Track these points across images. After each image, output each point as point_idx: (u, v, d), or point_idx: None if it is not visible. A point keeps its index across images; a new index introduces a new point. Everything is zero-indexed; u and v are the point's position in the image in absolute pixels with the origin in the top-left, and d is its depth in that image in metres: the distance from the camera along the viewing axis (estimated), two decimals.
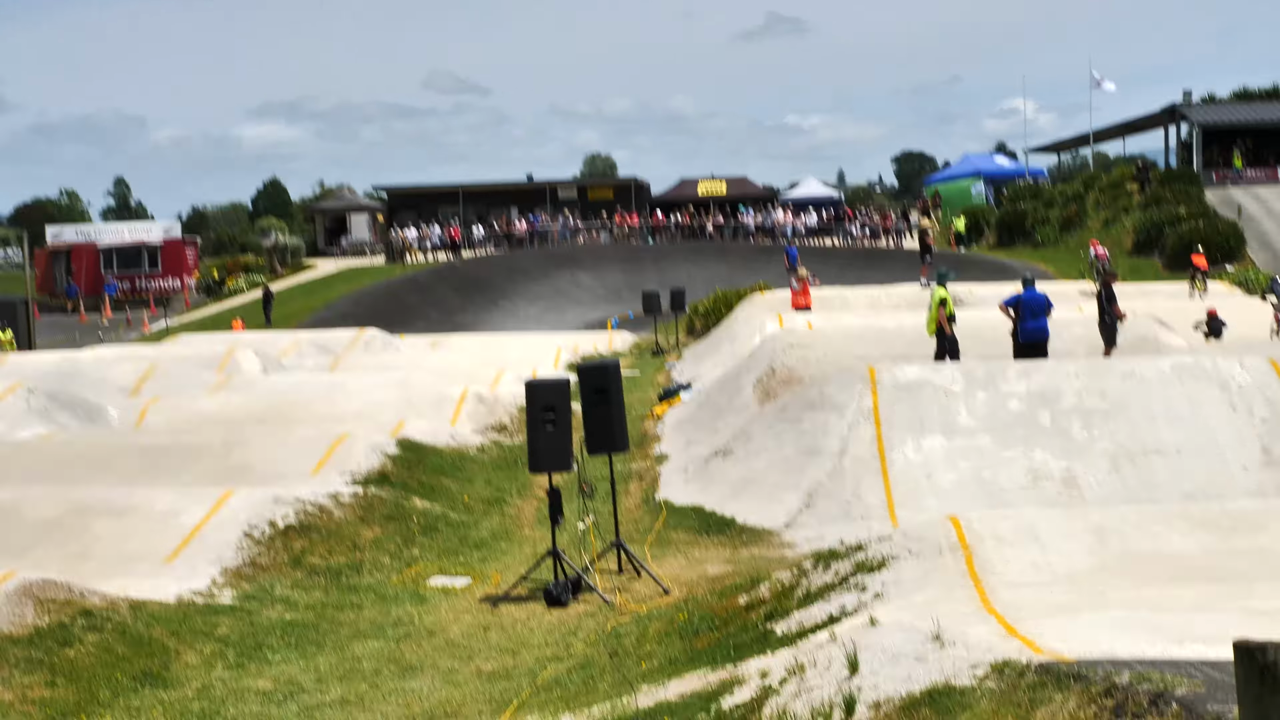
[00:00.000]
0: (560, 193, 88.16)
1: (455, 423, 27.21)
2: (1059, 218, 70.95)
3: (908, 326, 30.08)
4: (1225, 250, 58.68)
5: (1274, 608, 11.22)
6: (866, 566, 13.66)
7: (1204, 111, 74.40)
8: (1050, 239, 68.98)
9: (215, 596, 16.47)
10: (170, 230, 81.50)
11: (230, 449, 23.08)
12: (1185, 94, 75.67)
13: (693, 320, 48.31)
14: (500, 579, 17.93)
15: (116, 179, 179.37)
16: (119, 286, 76.23)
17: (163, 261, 78.55)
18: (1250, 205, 66.83)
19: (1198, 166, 72.02)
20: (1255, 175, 71.70)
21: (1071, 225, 69.98)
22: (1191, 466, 20.38)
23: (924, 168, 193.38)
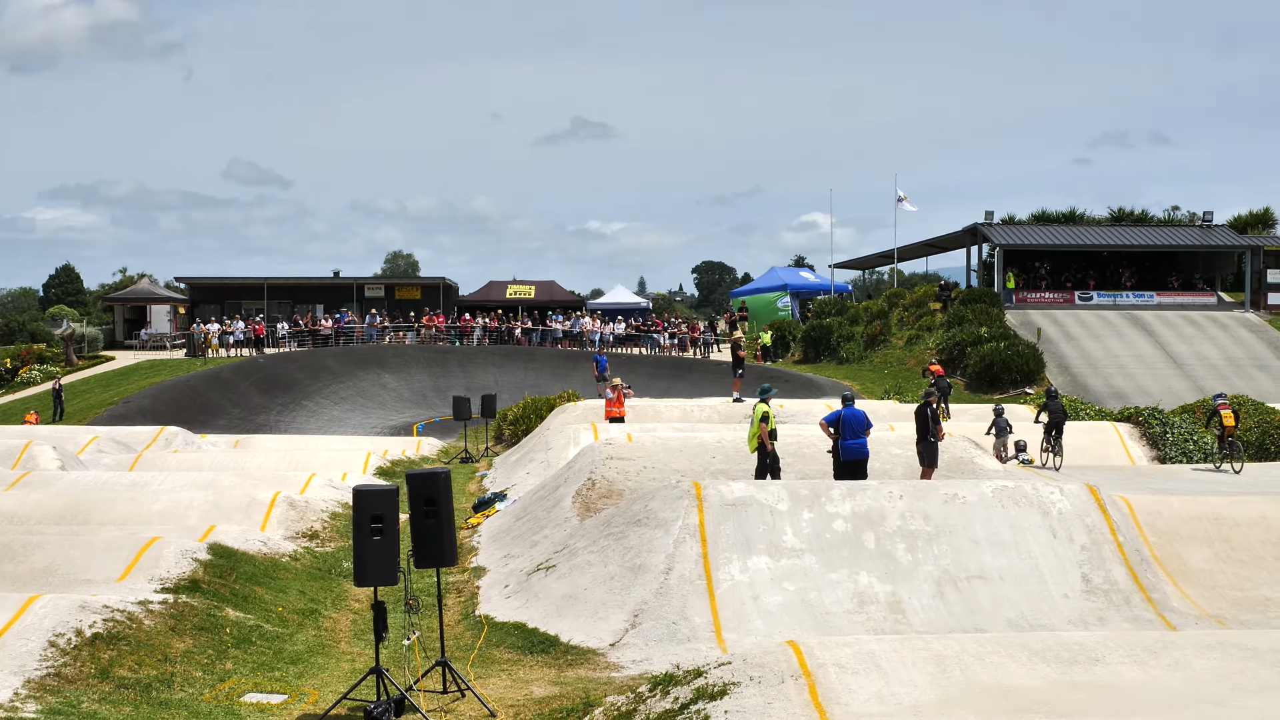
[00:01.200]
0: (367, 290, 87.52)
1: (265, 528, 26.49)
2: (864, 334, 72.06)
3: (726, 441, 30.03)
4: (1024, 373, 60.02)
5: None
6: (707, 694, 13.35)
7: (1004, 233, 76.26)
8: (855, 355, 69.98)
9: (19, 710, 15.58)
10: None
11: (30, 550, 22.08)
12: (987, 214, 77.55)
13: (501, 427, 47.98)
14: (318, 697, 17.29)
15: None
16: None
17: None
18: (1049, 328, 68.52)
19: (998, 287, 73.71)
20: (1054, 298, 73.58)
21: (876, 342, 71.11)
22: (1014, 593, 20.50)
23: (724, 278, 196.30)
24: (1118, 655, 13.97)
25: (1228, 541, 22.47)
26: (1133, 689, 13.28)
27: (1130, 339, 68.47)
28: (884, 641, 14.36)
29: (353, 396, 68.82)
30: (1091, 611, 20.21)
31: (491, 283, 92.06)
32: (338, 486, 31.70)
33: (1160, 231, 79.43)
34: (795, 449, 28.88)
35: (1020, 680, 13.38)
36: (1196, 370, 64.40)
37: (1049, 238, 76.92)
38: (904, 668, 13.48)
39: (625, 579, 20.82)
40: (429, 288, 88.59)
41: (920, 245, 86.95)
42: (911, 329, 70.61)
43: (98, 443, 40.85)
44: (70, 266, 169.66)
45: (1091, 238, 77.57)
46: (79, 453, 38.58)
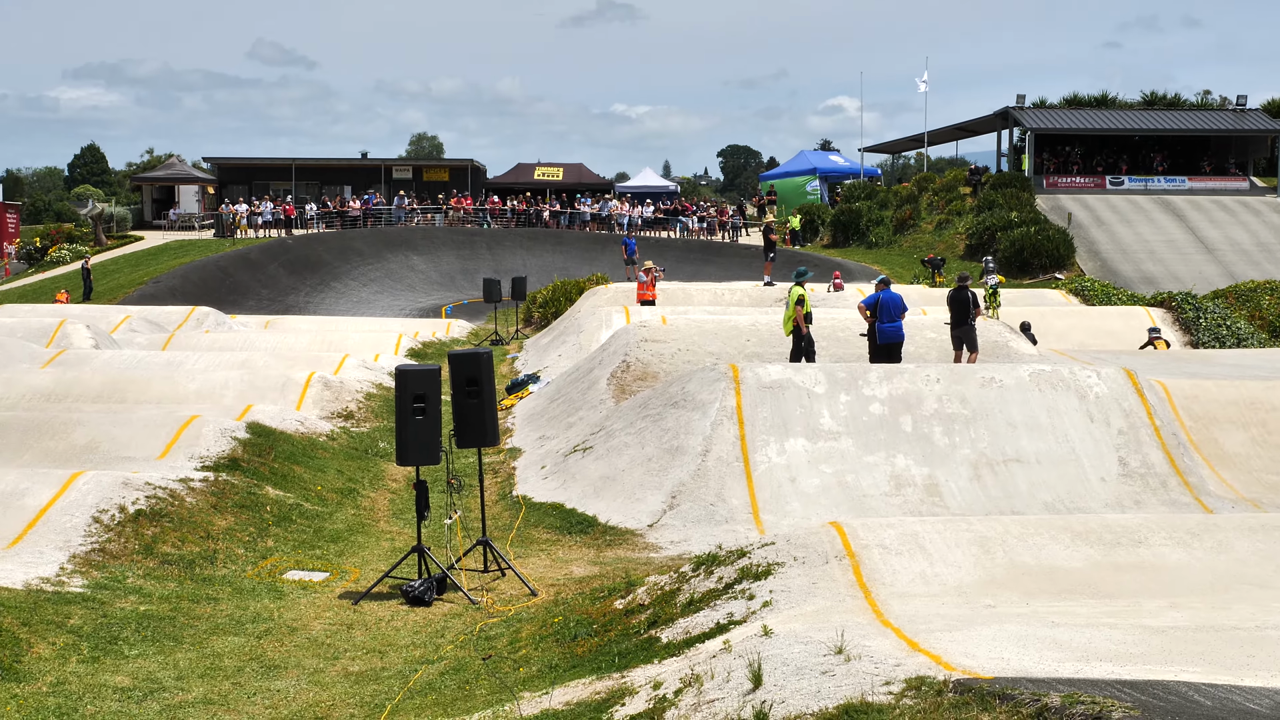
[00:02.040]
0: (395, 172, 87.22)
1: (301, 408, 26.58)
2: (893, 219, 71.68)
3: (760, 324, 29.96)
4: (1055, 258, 59.73)
5: (1166, 625, 11.17)
6: (751, 573, 13.40)
7: (1036, 117, 75.56)
8: (884, 240, 69.68)
9: (65, 585, 15.74)
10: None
11: (70, 428, 22.22)
12: (1019, 98, 76.78)
13: (531, 310, 47.91)
14: (360, 574, 17.43)
15: None
16: None
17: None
18: (1080, 213, 68.08)
19: (1029, 171, 73.17)
20: (1085, 183, 73.06)
21: (905, 226, 70.77)
22: (1050, 477, 20.50)
23: (749, 163, 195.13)
24: (1160, 537, 13.97)
25: (1264, 426, 22.39)
26: (1176, 570, 13.30)
27: (1161, 224, 68.03)
28: (927, 523, 14.40)
29: (381, 278, 68.81)
30: (1128, 495, 20.21)
31: (520, 165, 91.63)
32: (371, 367, 31.75)
33: (1192, 115, 78.64)
34: (829, 332, 28.81)
35: (1064, 562, 13.41)
36: (1228, 255, 64.01)
37: (1080, 122, 76.20)
38: (947, 549, 13.51)
39: (662, 460, 20.87)
40: (457, 170, 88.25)
41: (950, 129, 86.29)
42: (941, 214, 70.23)
43: (130, 322, 40.94)
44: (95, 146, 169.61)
45: (1123, 122, 76.86)
46: (112, 331, 38.67)
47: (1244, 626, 10.95)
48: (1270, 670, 9.54)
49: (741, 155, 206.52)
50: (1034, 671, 9.50)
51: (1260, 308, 40.94)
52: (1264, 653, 10.01)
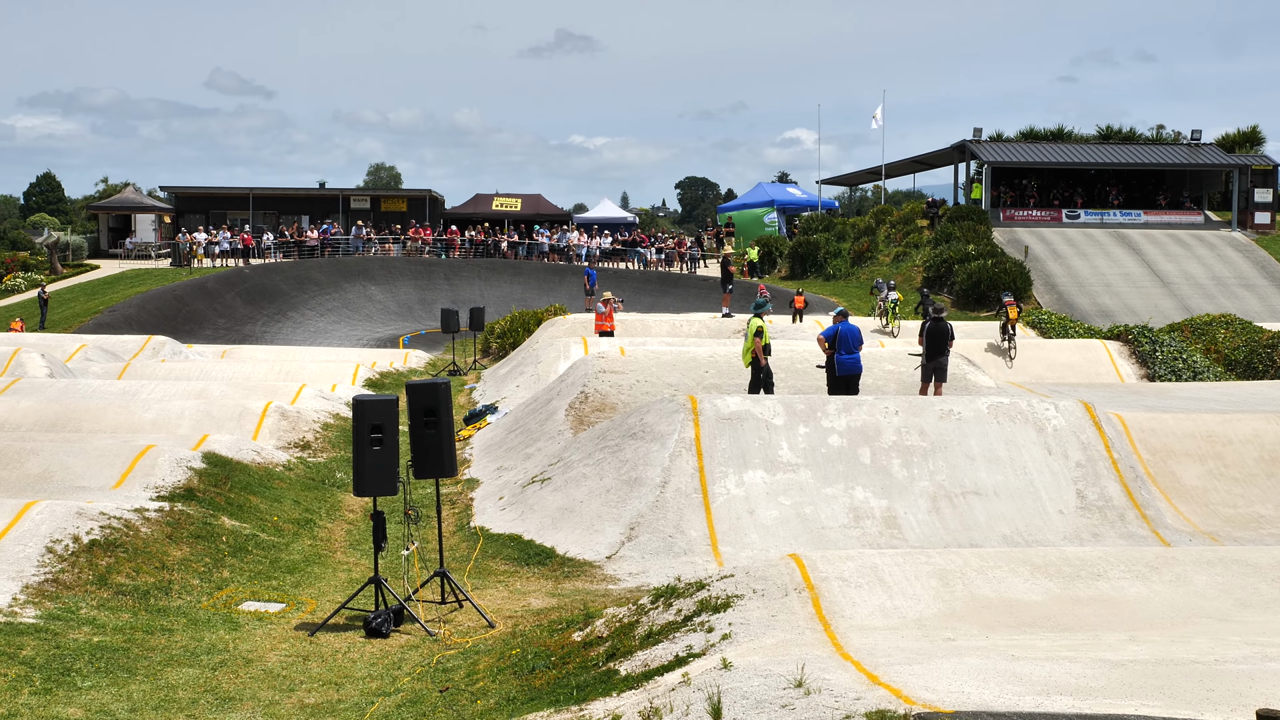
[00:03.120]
0: (353, 202, 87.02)
1: (257, 438, 26.44)
2: (850, 250, 71.89)
3: (719, 355, 29.97)
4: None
5: (1126, 658, 11.17)
6: (710, 606, 13.36)
7: (993, 150, 75.94)
8: (842, 271, 69.87)
9: (17, 615, 15.56)
10: None
11: (24, 457, 22.02)
12: (975, 131, 77.17)
13: (489, 341, 47.82)
14: (316, 605, 17.30)
15: None
16: None
17: None
18: (1036, 246, 68.42)
19: (986, 205, 73.51)
20: (1041, 216, 73.44)
21: (863, 259, 70.97)
22: (1009, 509, 20.54)
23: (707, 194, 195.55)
24: (1119, 570, 14.00)
25: (1220, 459, 22.52)
26: (1136, 603, 13.33)
27: (1117, 257, 68.41)
28: (886, 555, 14.38)
29: (339, 308, 68.63)
30: (1087, 528, 20.26)
31: (478, 195, 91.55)
32: (328, 397, 31.61)
33: (1148, 150, 79.16)
34: (788, 364, 28.84)
35: (1023, 595, 13.42)
36: (1183, 289, 64.41)
37: (1037, 155, 76.61)
38: (907, 581, 13.51)
39: (621, 492, 20.82)
40: (415, 200, 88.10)
41: (907, 162, 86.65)
42: (899, 246, 70.47)
43: (85, 351, 40.66)
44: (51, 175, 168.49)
45: (1079, 156, 77.30)
46: (67, 360, 38.42)
47: (1203, 660, 10.95)
48: (1229, 704, 9.54)
49: (699, 187, 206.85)
50: (994, 705, 9.48)
51: (1216, 341, 41.15)
52: (1223, 686, 10.01)
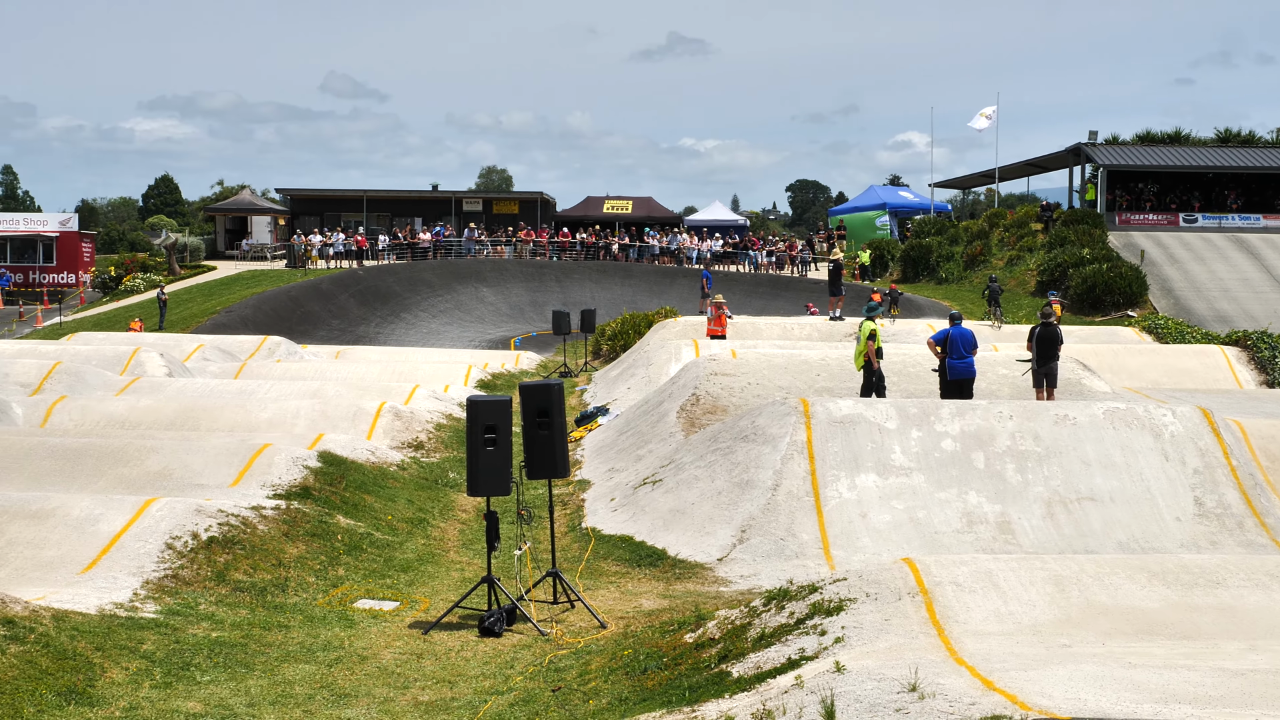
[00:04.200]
0: (465, 204, 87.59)
1: (371, 437, 26.70)
2: (963, 254, 71.37)
3: (830, 358, 29.87)
4: (1127, 296, 59.23)
5: (1246, 668, 11.03)
6: (823, 609, 13.33)
7: (1109, 153, 75.06)
8: (954, 275, 69.36)
9: (138, 610, 15.84)
10: (67, 223, 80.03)
11: (145, 455, 22.38)
12: (1091, 134, 76.32)
13: (600, 343, 47.93)
14: (429, 604, 17.45)
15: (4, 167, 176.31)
16: (12, 279, 74.80)
17: (58, 255, 77.25)
18: (1153, 250, 67.58)
19: (1101, 208, 72.69)
20: (1158, 220, 72.52)
21: (976, 262, 70.41)
22: (1124, 515, 20.30)
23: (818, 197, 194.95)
24: (1238, 578, 13.81)
25: None
26: (1256, 612, 13.14)
27: (1236, 262, 67.36)
28: (1001, 560, 14.27)
29: (451, 310, 69.10)
30: (1204, 535, 19.99)
31: (589, 198, 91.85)
32: (441, 398, 31.86)
33: (1268, 153, 77.85)
34: (900, 368, 28.70)
35: (1140, 602, 13.26)
36: None
37: (1153, 159, 75.60)
38: (1022, 587, 13.40)
39: (732, 494, 20.82)
40: (527, 202, 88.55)
41: (1021, 165, 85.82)
42: (1012, 249, 69.83)
43: (203, 350, 41.24)
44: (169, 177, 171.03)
45: (1197, 159, 76.21)
46: (185, 360, 38.99)
47: None
48: None
49: (810, 190, 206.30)
50: (1112, 713, 9.40)
51: None
52: None
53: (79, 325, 58.33)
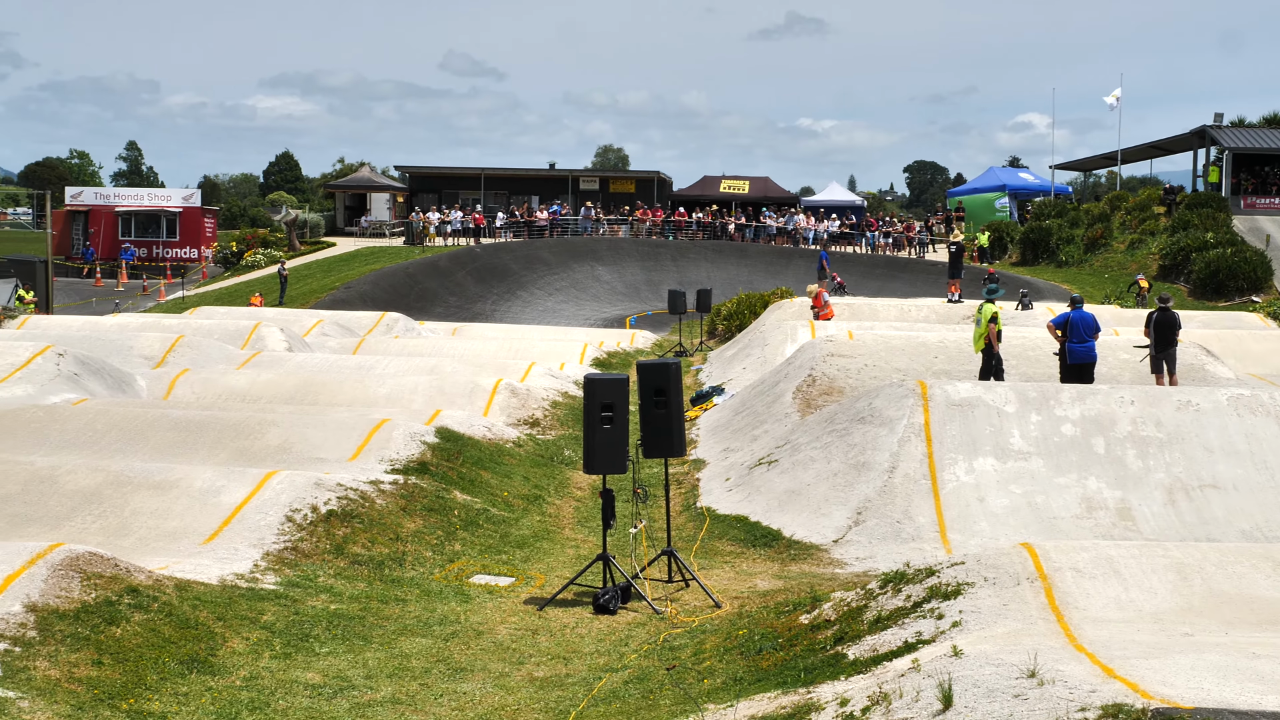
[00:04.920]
0: (582, 183, 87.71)
1: (488, 414, 26.84)
2: (1084, 237, 70.47)
3: (949, 341, 29.64)
4: (1252, 281, 58.19)
5: None
6: (940, 593, 13.23)
7: (1234, 136, 73.76)
8: (1074, 258, 68.51)
9: (258, 581, 16.06)
10: (190, 198, 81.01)
11: (265, 428, 22.67)
12: (1216, 116, 75.03)
13: (715, 322, 47.85)
14: (544, 581, 17.53)
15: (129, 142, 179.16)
16: (136, 253, 75.94)
17: (181, 230, 78.32)
18: (1278, 235, 66.38)
19: (1225, 192, 71.50)
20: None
21: (1096, 245, 69.51)
22: (1248, 504, 19.96)
23: (936, 178, 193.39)
24: None
25: None
26: None
27: None
28: (1121, 547, 14.10)
29: (566, 288, 69.26)
30: None
31: (706, 177, 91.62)
32: (557, 375, 31.98)
33: None
34: (1019, 351, 28.42)
35: (1265, 591, 13.05)
36: None
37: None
38: (1143, 574, 13.22)
39: (848, 476, 20.73)
40: (643, 181, 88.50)
41: (1144, 148, 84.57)
42: (1134, 233, 68.82)
43: (322, 326, 41.73)
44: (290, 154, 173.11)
45: None
46: (304, 335, 39.45)
47: None
48: None
49: (928, 171, 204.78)
50: (1235, 703, 9.25)
51: None
52: None
53: (201, 300, 59.16)
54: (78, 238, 78.62)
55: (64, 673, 12.43)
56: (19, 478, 18.85)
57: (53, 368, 27.42)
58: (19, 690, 11.86)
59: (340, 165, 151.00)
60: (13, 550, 14.29)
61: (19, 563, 13.87)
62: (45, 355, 27.86)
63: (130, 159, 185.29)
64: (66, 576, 13.84)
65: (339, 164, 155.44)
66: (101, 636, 13.19)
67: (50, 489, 18.49)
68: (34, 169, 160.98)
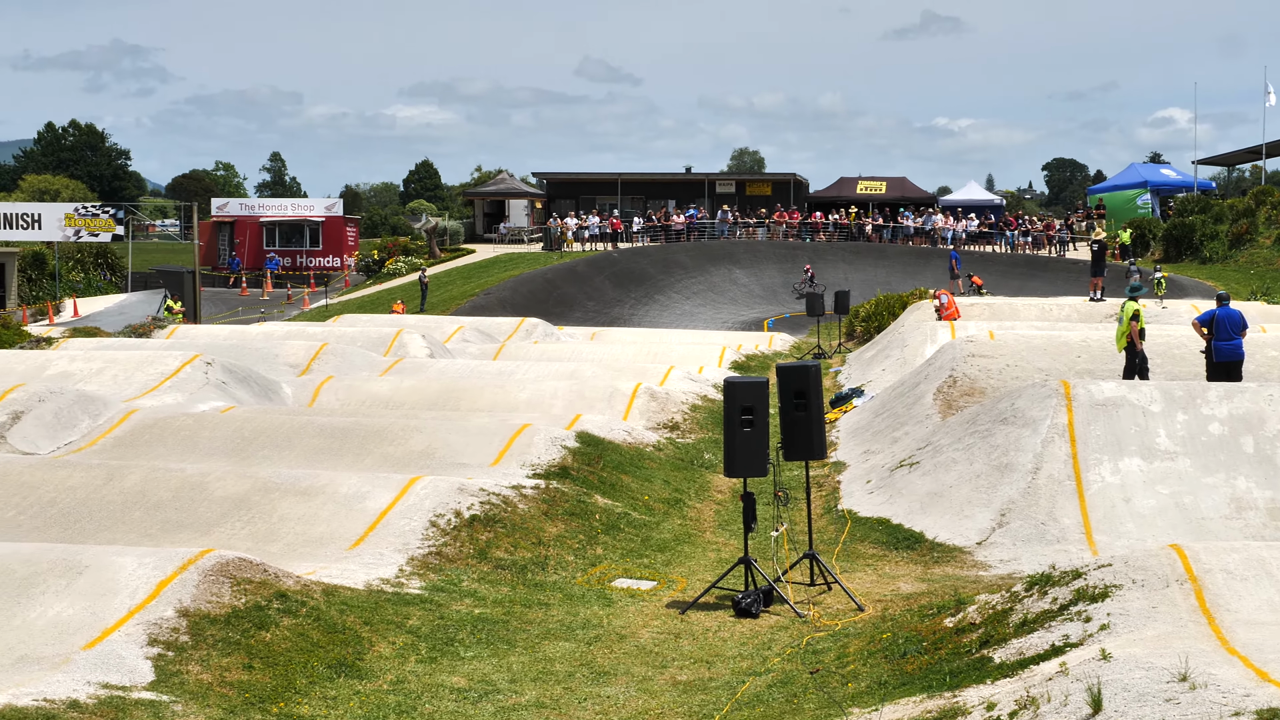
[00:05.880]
0: (718, 186, 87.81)
1: (627, 418, 26.91)
2: (1228, 233, 69.23)
3: (1091, 340, 29.26)
4: None
5: None
6: (1087, 595, 13.06)
7: None
8: (1219, 254, 67.32)
9: (404, 586, 16.25)
10: (332, 208, 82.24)
11: (408, 434, 22.93)
12: None
13: (853, 324, 47.64)
14: (686, 584, 17.56)
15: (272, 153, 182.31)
16: (280, 262, 77.17)
17: (324, 239, 79.50)
18: None
19: None
20: None
21: (1241, 241, 68.25)
22: None
23: (1075, 176, 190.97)
24: None
25: None
26: None
27: None
28: (1274, 548, 13.84)
29: (704, 291, 69.32)
30: None
31: (842, 179, 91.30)
32: (695, 379, 32.01)
33: None
34: (1163, 349, 27.97)
35: None
36: None
37: None
38: None
39: (991, 478, 20.53)
40: (779, 184, 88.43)
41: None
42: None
43: (463, 332, 42.13)
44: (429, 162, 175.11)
45: None
46: (445, 341, 39.85)
47: None
48: None
49: (1067, 168, 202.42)
50: None
51: None
52: None
53: (344, 307, 59.98)
54: (223, 248, 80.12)
55: (216, 676, 12.66)
56: (170, 485, 19.24)
57: (201, 376, 27.95)
58: (172, 694, 12.11)
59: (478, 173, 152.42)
60: (165, 556, 14.60)
61: (171, 568, 14.16)
62: (194, 364, 28.41)
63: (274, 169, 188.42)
64: (217, 582, 14.10)
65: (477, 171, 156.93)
66: (251, 641, 13.42)
67: (200, 495, 18.85)
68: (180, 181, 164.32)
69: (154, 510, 18.59)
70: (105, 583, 13.96)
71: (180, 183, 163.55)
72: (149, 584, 13.86)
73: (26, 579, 14.06)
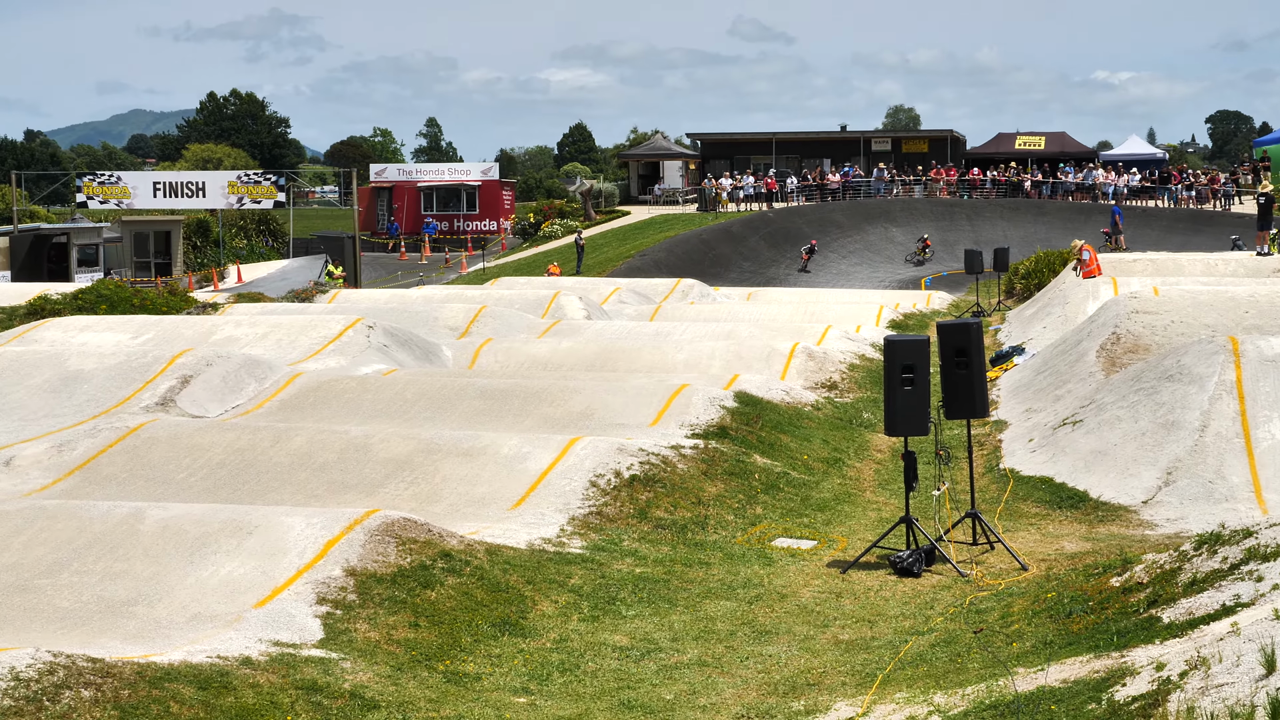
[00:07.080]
0: (874, 144, 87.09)
1: (785, 377, 26.85)
2: None
3: (1260, 295, 28.63)
4: None
5: None
6: (1259, 554, 12.80)
7: None
8: None
9: (565, 545, 16.37)
10: (488, 172, 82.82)
11: (567, 395, 23.08)
12: None
13: (1012, 282, 47.05)
14: (846, 544, 17.50)
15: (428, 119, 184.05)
16: (438, 226, 77.94)
17: (480, 203, 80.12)
18: None
19: None
20: None
21: None
22: None
23: (1240, 128, 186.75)
24: None
25: None
26: None
27: None
28: None
29: (860, 250, 68.96)
30: None
31: (1000, 134, 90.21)
32: (853, 338, 31.85)
33: None
34: None
35: None
36: None
37: None
38: None
39: (1156, 435, 20.19)
40: (936, 140, 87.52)
41: None
42: None
43: (619, 294, 42.28)
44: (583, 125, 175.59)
45: None
46: (602, 303, 40.03)
47: None
48: None
49: (1231, 121, 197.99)
50: None
51: None
52: None
53: (501, 270, 60.49)
54: (382, 214, 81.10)
55: (383, 634, 12.86)
56: (335, 446, 19.55)
57: (363, 339, 28.35)
58: (341, 651, 12.32)
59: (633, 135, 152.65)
60: (332, 516, 14.85)
61: (338, 529, 14.41)
62: (356, 328, 28.81)
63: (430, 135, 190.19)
64: (383, 542, 14.32)
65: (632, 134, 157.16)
66: (417, 599, 13.62)
67: (364, 457, 19.13)
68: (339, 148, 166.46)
69: (320, 471, 18.90)
70: (274, 543, 14.26)
71: (338, 149, 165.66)
72: (317, 544, 14.13)
73: (199, 539, 14.40)
